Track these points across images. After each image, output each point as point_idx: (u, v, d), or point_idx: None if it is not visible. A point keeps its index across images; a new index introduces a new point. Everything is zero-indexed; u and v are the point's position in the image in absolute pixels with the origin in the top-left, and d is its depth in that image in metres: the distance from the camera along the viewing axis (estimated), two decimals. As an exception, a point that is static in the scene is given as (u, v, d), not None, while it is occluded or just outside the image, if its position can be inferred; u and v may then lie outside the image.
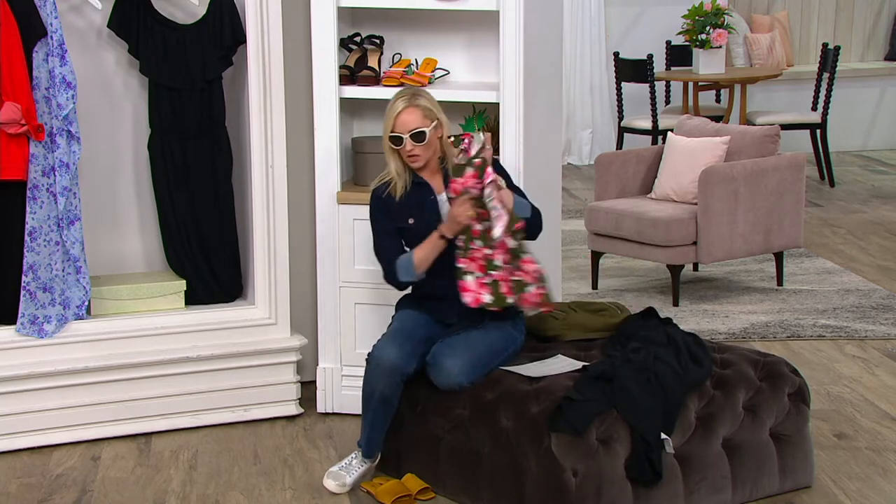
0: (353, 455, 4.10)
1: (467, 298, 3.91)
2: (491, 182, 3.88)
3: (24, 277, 4.37)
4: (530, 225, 4.02)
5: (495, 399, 3.82)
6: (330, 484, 4.04)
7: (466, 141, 3.88)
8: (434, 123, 4.01)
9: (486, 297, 3.91)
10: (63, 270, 4.41)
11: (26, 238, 4.36)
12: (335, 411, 4.68)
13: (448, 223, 3.95)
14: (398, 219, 4.08)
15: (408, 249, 4.05)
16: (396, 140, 4.00)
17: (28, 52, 4.30)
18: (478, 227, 3.91)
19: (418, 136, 3.98)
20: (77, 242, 4.43)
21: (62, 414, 4.44)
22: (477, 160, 3.86)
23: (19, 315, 4.39)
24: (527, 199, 4.08)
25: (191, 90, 4.57)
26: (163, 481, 4.17)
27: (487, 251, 3.90)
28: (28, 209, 4.35)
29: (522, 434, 3.70)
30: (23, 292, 4.38)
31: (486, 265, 3.91)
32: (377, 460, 4.13)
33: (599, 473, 3.65)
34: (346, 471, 4.06)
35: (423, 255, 4.01)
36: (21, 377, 4.37)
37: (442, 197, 4.07)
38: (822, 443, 4.38)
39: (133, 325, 4.52)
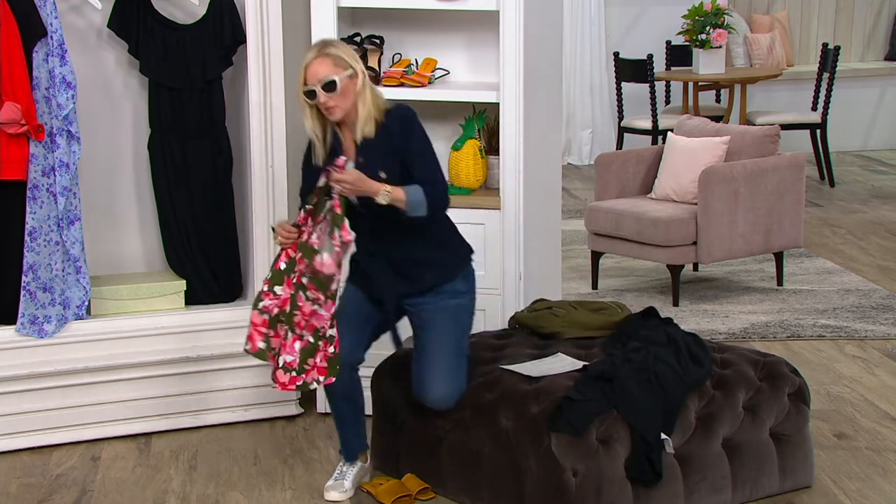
0: (340, 464, 4.08)
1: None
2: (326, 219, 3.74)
3: (24, 277, 4.37)
4: (415, 203, 3.79)
5: (495, 399, 3.81)
6: (333, 495, 4.01)
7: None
8: (348, 72, 3.73)
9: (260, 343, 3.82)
10: (63, 270, 4.41)
11: (26, 238, 4.36)
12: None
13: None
14: (313, 181, 3.84)
15: None
16: (310, 94, 3.75)
17: (28, 52, 4.30)
18: (311, 236, 3.76)
19: (329, 86, 3.72)
20: (77, 242, 4.42)
21: (62, 414, 4.44)
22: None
23: (19, 315, 4.39)
24: (432, 181, 3.84)
25: (191, 90, 4.57)
26: (163, 481, 4.17)
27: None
28: (28, 209, 4.35)
29: (522, 434, 3.70)
30: (23, 292, 4.37)
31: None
32: (367, 460, 4.11)
33: (599, 473, 3.64)
34: (340, 479, 4.04)
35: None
36: (21, 377, 4.37)
37: (350, 167, 3.82)
38: (822, 443, 4.38)
39: (133, 325, 4.52)
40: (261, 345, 3.81)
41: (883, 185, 9.09)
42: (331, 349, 3.78)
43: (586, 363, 3.91)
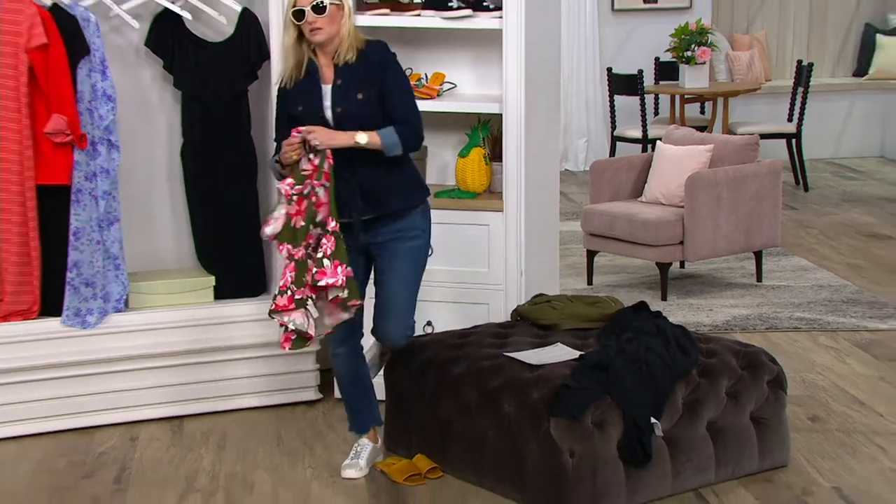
0: (356, 444, 4.04)
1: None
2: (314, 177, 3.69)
3: (68, 273, 4.35)
4: (391, 146, 3.74)
5: (499, 386, 3.78)
6: (349, 473, 3.96)
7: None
8: (336, 2, 3.69)
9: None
10: (104, 267, 4.39)
11: (71, 237, 4.34)
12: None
13: (282, 154, 3.74)
14: (290, 106, 3.79)
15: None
16: (298, 14, 3.66)
17: (73, 68, 4.29)
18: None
19: (318, 8, 3.64)
20: (116, 241, 4.41)
21: (103, 398, 4.42)
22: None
23: (64, 308, 4.37)
24: (406, 119, 3.77)
25: (219, 103, 4.55)
26: (194, 460, 4.14)
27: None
28: (72, 211, 4.33)
29: (524, 419, 3.67)
30: (68, 287, 4.36)
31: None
32: (378, 441, 4.06)
33: (594, 455, 3.61)
34: (356, 458, 4.00)
35: (277, 166, 3.82)
36: (66, 364, 4.36)
37: (328, 88, 3.76)
38: (798, 425, 4.34)
39: (167, 318, 4.50)
40: (292, 331, 3.74)
41: (852, 190, 9.07)
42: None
43: (582, 353, 3.88)
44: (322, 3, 3.66)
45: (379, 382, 4.22)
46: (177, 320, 4.49)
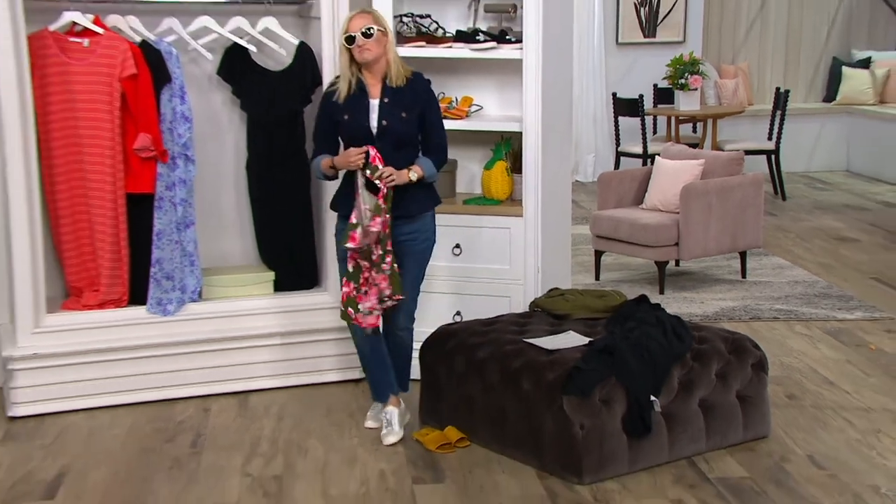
0: (383, 413, 4.00)
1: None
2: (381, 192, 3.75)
3: (152, 269, 4.36)
4: (431, 176, 3.87)
5: (519, 368, 3.74)
6: (390, 439, 3.93)
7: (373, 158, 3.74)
8: (381, 28, 3.76)
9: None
10: (181, 263, 4.39)
11: (154, 238, 4.35)
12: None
13: (339, 158, 3.81)
14: (337, 114, 3.83)
15: (325, 154, 3.90)
16: (349, 39, 3.74)
17: (157, 94, 4.29)
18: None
19: (367, 33, 3.73)
20: (192, 241, 4.40)
21: (181, 375, 4.41)
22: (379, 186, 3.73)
23: (148, 297, 4.38)
24: (440, 147, 3.89)
25: (279, 123, 4.53)
26: (257, 429, 4.13)
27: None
28: (155, 216, 4.34)
29: (540, 396, 3.64)
30: (151, 280, 4.36)
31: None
32: (400, 404, 4.02)
33: (602, 427, 3.58)
34: (389, 425, 3.96)
35: (324, 167, 3.89)
36: (150, 346, 4.36)
37: (375, 102, 3.81)
38: (777, 402, 4.29)
39: (234, 307, 4.49)
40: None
41: (823, 199, 8.99)
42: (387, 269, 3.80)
43: (591, 339, 3.85)
44: (370, 29, 3.74)
45: (414, 364, 4.19)
46: (242, 309, 4.48)
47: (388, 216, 3.76)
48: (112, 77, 4.21)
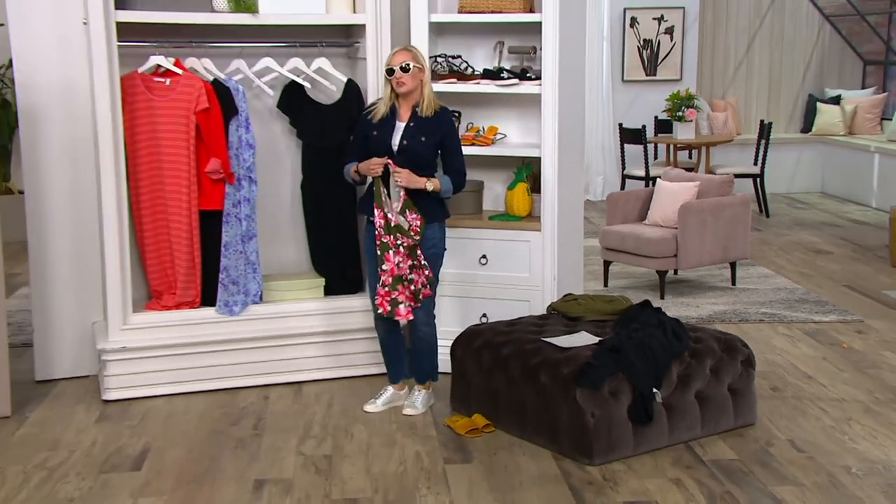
0: (385, 389, 4.11)
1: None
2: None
3: (220, 275, 4.34)
4: (446, 191, 3.87)
5: (538, 363, 3.68)
6: (369, 408, 4.03)
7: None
8: (419, 65, 3.80)
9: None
10: (245, 270, 4.37)
11: (222, 248, 4.33)
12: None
13: (362, 164, 3.86)
14: (368, 130, 3.90)
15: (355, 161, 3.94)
16: (390, 71, 3.82)
17: (226, 124, 4.27)
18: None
19: (405, 68, 3.80)
20: (254, 252, 4.38)
21: (245, 367, 4.38)
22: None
23: (217, 300, 4.36)
24: (457, 170, 3.88)
25: (330, 149, 4.49)
26: (310, 414, 4.10)
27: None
28: (223, 229, 4.32)
29: (556, 388, 3.57)
30: (220, 285, 4.34)
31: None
32: (403, 389, 4.11)
33: (610, 416, 3.51)
34: (376, 399, 4.08)
35: (352, 172, 3.95)
36: (218, 341, 4.33)
37: (402, 125, 3.86)
38: (763, 394, 4.20)
39: (290, 308, 4.45)
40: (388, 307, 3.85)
41: (802, 217, 8.85)
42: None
43: (601, 338, 3.78)
44: (408, 65, 3.78)
45: (445, 359, 4.14)
46: (297, 310, 4.45)
47: (414, 216, 3.79)
48: (189, 111, 4.21)
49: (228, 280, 4.33)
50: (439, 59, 4.50)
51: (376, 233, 3.84)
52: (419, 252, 3.84)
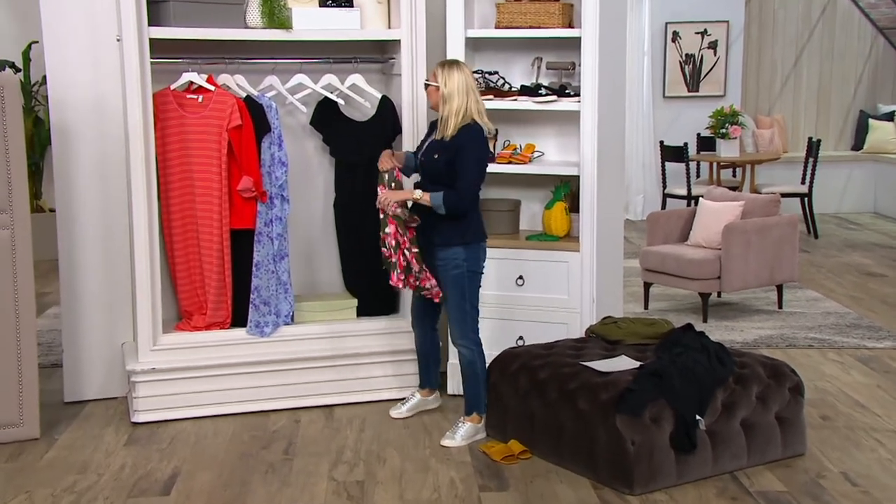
0: (413, 393, 4.28)
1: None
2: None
3: (251, 295, 4.38)
4: (436, 206, 3.87)
5: (576, 388, 3.68)
6: (393, 413, 4.21)
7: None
8: (436, 84, 3.86)
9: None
10: (276, 291, 4.41)
11: (253, 268, 4.38)
12: (459, 393, 4.54)
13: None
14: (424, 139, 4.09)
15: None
16: (426, 85, 3.99)
17: (258, 142, 4.33)
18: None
19: (426, 84, 3.96)
20: (286, 272, 4.42)
21: (276, 389, 4.42)
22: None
23: (248, 321, 4.40)
24: (458, 187, 3.83)
25: (363, 167, 4.54)
26: (342, 438, 4.12)
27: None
28: (255, 248, 4.37)
29: (595, 414, 3.57)
30: (251, 305, 4.39)
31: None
32: (429, 395, 4.28)
33: (651, 443, 3.49)
34: (403, 405, 4.26)
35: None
36: (249, 363, 4.38)
37: (430, 141, 3.97)
38: (813, 423, 4.16)
39: (322, 329, 4.49)
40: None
41: (852, 238, 8.76)
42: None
43: (642, 363, 3.77)
44: (426, 83, 3.96)
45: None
46: (329, 332, 4.48)
47: (403, 228, 3.94)
48: (221, 128, 4.28)
49: (259, 300, 4.38)
50: (476, 76, 4.55)
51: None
52: (423, 266, 3.95)
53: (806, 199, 8.71)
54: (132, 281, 4.38)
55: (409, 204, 3.94)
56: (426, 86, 3.95)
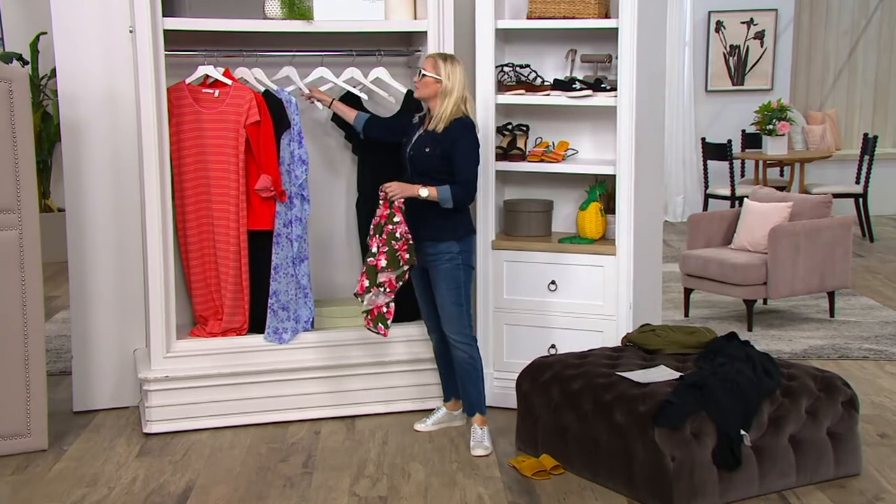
0: (438, 406, 4.35)
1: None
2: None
3: (270, 300, 4.42)
4: (444, 200, 3.96)
5: (612, 399, 3.68)
6: (419, 427, 4.27)
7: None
8: (437, 77, 3.95)
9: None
10: (296, 295, 4.45)
11: (272, 271, 4.41)
12: (489, 404, 4.56)
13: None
14: (405, 128, 4.17)
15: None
16: (417, 72, 4.04)
17: (277, 139, 4.38)
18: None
19: (421, 74, 4.00)
20: (306, 275, 4.46)
21: (295, 399, 4.45)
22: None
23: (266, 327, 4.44)
24: (461, 180, 3.95)
25: (387, 165, 4.54)
26: (364, 451, 4.15)
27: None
28: (273, 251, 4.41)
29: (633, 427, 3.57)
30: (269, 310, 4.42)
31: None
32: (455, 408, 4.33)
33: (692, 459, 3.48)
34: (427, 419, 4.32)
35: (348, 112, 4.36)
36: (267, 371, 4.41)
37: (420, 134, 4.04)
38: (868, 440, 4.13)
39: (344, 336, 4.52)
40: (367, 284, 4.02)
41: (912, 240, 8.66)
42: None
43: (682, 374, 3.77)
44: (422, 72, 3.99)
45: (510, 394, 4.16)
46: (351, 338, 4.51)
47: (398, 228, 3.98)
48: (238, 124, 4.32)
49: (278, 305, 4.42)
50: (506, 69, 4.57)
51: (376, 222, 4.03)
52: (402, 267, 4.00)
53: (861, 199, 8.64)
54: (145, 284, 4.44)
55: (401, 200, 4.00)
56: (422, 75, 3.99)
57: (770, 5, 9.79)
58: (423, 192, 3.94)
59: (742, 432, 3.54)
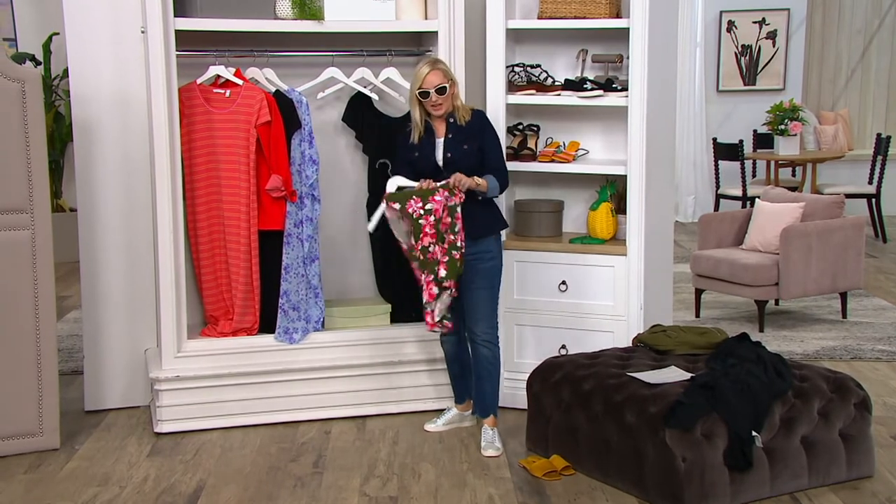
0: (449, 407, 4.34)
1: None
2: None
3: (280, 300, 4.43)
4: (493, 189, 4.01)
5: (623, 400, 3.68)
6: (429, 427, 4.27)
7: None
8: (451, 82, 3.96)
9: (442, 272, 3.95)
10: (306, 295, 4.46)
11: (283, 271, 4.42)
12: (499, 404, 4.56)
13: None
14: (410, 153, 4.06)
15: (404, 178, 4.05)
16: (424, 94, 3.95)
17: (288, 139, 4.39)
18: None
19: (441, 90, 3.94)
20: (316, 275, 4.47)
21: (305, 399, 4.46)
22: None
23: (276, 327, 4.45)
24: (499, 168, 4.04)
25: (397, 165, 4.59)
26: (374, 451, 4.15)
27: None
28: (284, 251, 4.42)
29: (643, 428, 3.56)
30: (279, 310, 4.44)
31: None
32: (466, 409, 4.32)
33: (703, 461, 3.47)
34: (438, 419, 4.31)
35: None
36: (277, 371, 4.42)
37: (441, 140, 4.03)
38: (881, 442, 4.11)
39: (354, 336, 4.53)
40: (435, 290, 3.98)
41: (926, 241, 8.62)
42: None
43: (693, 374, 3.76)
44: (444, 86, 3.95)
45: (521, 394, 4.16)
46: (361, 339, 4.52)
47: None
48: (249, 124, 4.34)
49: (289, 305, 4.43)
50: (517, 69, 4.57)
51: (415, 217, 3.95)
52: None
53: (874, 200, 8.61)
54: (156, 284, 4.45)
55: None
56: (441, 91, 3.92)
57: (782, 5, 9.77)
58: (477, 181, 3.96)
59: (753, 433, 3.53)
